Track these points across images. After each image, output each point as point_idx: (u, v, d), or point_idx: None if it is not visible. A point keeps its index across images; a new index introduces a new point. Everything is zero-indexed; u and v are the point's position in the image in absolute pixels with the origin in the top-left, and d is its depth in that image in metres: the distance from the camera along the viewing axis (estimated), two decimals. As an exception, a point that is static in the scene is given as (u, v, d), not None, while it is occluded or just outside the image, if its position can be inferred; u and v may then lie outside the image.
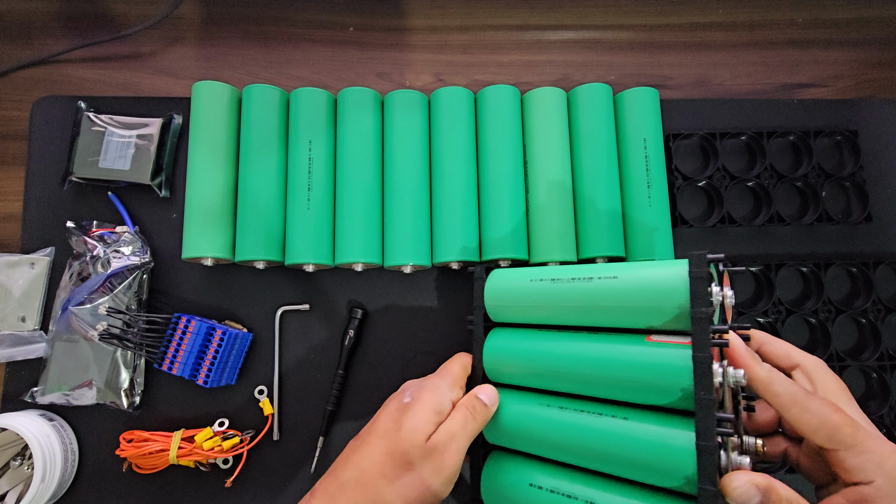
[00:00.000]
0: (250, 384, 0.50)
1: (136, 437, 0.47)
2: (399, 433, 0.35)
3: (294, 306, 0.52)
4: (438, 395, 0.37)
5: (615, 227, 0.50)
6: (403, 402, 0.37)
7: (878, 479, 0.28)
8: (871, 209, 0.54)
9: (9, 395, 0.49)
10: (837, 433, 0.29)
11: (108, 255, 0.49)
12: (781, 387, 0.31)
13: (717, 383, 0.31)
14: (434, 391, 0.38)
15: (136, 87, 0.57)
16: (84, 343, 0.48)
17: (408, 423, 0.35)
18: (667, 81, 0.60)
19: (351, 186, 0.49)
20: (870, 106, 0.58)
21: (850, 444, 0.29)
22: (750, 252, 0.54)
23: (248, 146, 0.50)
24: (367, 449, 0.35)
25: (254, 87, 0.51)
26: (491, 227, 0.50)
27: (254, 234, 0.48)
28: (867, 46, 0.61)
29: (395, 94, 0.52)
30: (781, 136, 0.56)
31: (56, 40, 0.58)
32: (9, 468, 0.47)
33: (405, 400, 0.37)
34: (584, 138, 0.52)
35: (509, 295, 0.43)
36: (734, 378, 0.31)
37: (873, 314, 0.52)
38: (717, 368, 0.31)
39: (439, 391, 0.38)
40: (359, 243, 0.49)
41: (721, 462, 0.30)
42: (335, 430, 0.50)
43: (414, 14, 0.60)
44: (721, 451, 0.31)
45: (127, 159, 0.51)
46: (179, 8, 0.58)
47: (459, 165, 0.50)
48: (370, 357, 0.51)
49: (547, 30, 0.61)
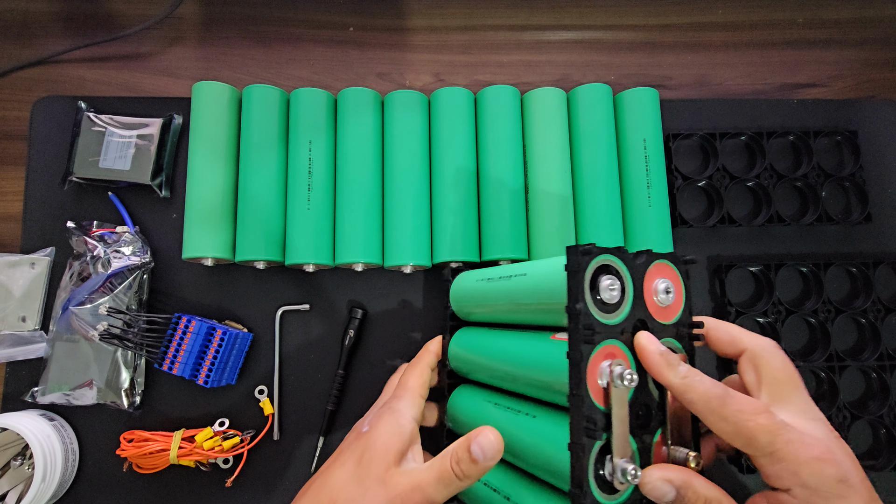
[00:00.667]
0: (250, 384, 0.50)
1: (136, 437, 0.47)
2: (358, 467, 0.33)
3: (294, 306, 0.52)
4: (396, 419, 0.35)
5: (615, 227, 0.50)
6: (362, 431, 0.35)
7: (794, 488, 0.27)
8: (870, 209, 0.54)
9: (9, 395, 0.49)
10: (754, 441, 0.28)
11: (109, 255, 0.49)
12: (695, 394, 0.29)
13: (603, 384, 0.30)
14: (391, 416, 0.35)
15: (136, 87, 0.57)
16: (84, 343, 0.48)
17: (365, 455, 0.33)
18: (667, 81, 0.60)
19: (351, 186, 0.50)
20: (870, 106, 0.58)
21: (766, 452, 0.28)
22: (750, 252, 0.54)
23: (248, 146, 0.50)
24: (329, 478, 0.33)
25: (254, 88, 0.51)
26: (491, 227, 0.50)
27: (254, 234, 0.48)
28: (867, 46, 0.61)
29: (395, 95, 0.52)
30: (781, 136, 0.56)
31: (56, 40, 0.58)
32: (9, 468, 0.47)
33: (363, 429, 0.35)
34: (584, 138, 0.52)
35: (462, 294, 0.45)
36: (624, 378, 0.30)
37: (873, 314, 0.52)
38: (604, 367, 0.30)
39: (396, 415, 0.35)
40: (359, 243, 0.49)
41: (605, 466, 0.29)
42: (335, 430, 0.50)
43: (414, 14, 0.60)
44: (607, 456, 0.29)
45: (127, 159, 0.51)
46: (179, 8, 0.58)
47: (459, 165, 0.50)
48: (370, 357, 0.52)
49: (547, 30, 0.61)
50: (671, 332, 0.33)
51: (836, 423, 0.50)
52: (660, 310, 0.33)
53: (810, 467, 0.27)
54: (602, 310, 0.31)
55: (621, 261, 0.32)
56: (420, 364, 0.41)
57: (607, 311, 0.31)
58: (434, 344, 0.44)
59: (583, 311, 0.30)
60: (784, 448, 0.27)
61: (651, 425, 0.32)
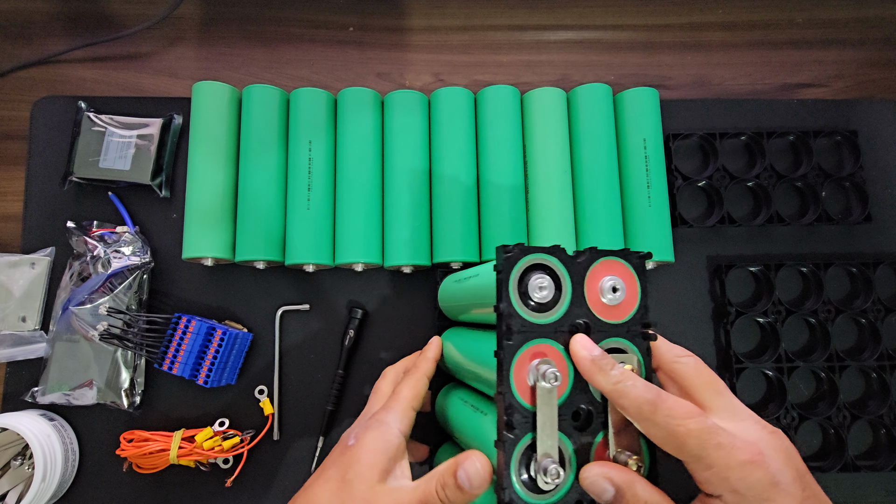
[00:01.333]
0: (250, 384, 0.50)
1: (136, 437, 0.47)
2: (341, 486, 0.31)
3: (294, 306, 0.52)
4: (382, 433, 0.33)
5: (615, 226, 0.50)
6: (348, 444, 0.34)
7: (725, 494, 0.27)
8: (870, 209, 0.54)
9: (9, 395, 0.49)
10: (684, 447, 0.27)
11: (109, 255, 0.49)
12: (627, 399, 0.29)
13: (531, 383, 0.30)
14: (378, 429, 0.34)
15: (136, 87, 0.57)
16: (84, 343, 0.48)
17: (349, 472, 0.32)
18: (666, 81, 0.60)
19: (351, 186, 0.50)
20: (870, 106, 0.58)
21: (696, 458, 0.27)
22: (750, 252, 0.54)
23: (248, 146, 0.50)
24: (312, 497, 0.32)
25: (254, 88, 0.51)
26: (490, 226, 0.50)
27: (254, 234, 0.48)
28: (867, 46, 0.61)
29: (395, 94, 0.52)
30: (781, 136, 0.55)
31: (56, 40, 0.58)
32: (9, 468, 0.47)
33: (349, 443, 0.34)
34: (583, 138, 0.52)
35: (443, 295, 0.47)
36: (547, 378, 0.30)
37: (873, 314, 0.52)
38: (532, 366, 0.30)
39: (383, 428, 0.34)
40: (359, 243, 0.49)
41: (532, 465, 0.29)
42: (335, 430, 0.50)
43: (414, 14, 0.60)
44: (534, 455, 0.29)
45: (127, 159, 0.51)
46: (179, 8, 0.58)
47: (459, 165, 0.50)
48: (370, 357, 0.52)
49: (547, 30, 0.61)
50: (621, 332, 0.32)
51: (837, 422, 0.50)
52: (608, 308, 0.32)
53: (739, 472, 0.26)
54: (534, 309, 0.31)
55: (558, 260, 0.32)
56: (417, 374, 0.39)
57: (540, 311, 0.31)
58: (432, 350, 0.42)
59: (505, 312, 0.31)
60: (714, 454, 0.27)
61: (592, 427, 0.31)
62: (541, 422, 0.29)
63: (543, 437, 0.29)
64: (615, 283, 0.32)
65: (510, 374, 0.30)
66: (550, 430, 0.30)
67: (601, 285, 0.32)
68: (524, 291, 0.31)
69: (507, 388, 0.30)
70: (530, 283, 0.31)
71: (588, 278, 0.32)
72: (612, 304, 0.32)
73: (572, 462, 0.30)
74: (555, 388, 0.30)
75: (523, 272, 0.32)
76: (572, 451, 0.30)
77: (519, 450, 0.29)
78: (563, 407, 0.31)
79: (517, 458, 0.29)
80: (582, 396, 0.31)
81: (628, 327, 0.32)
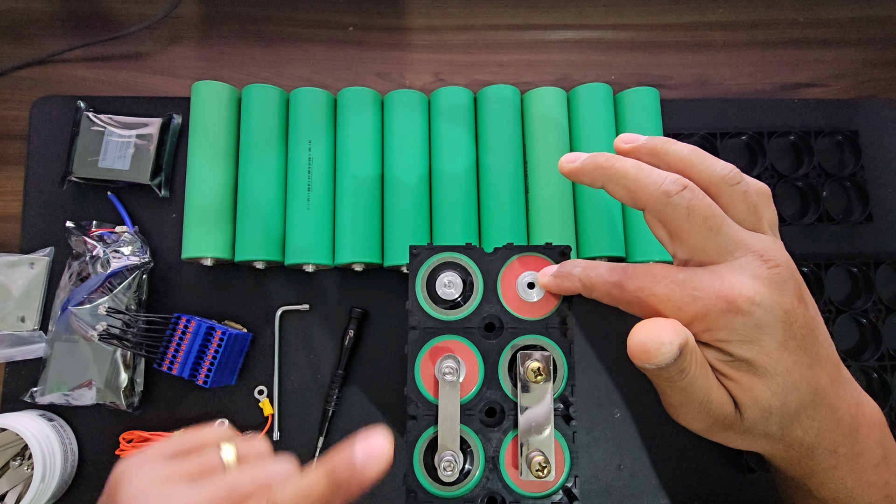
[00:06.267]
0: (250, 384, 0.50)
1: (135, 437, 0.47)
2: None
3: (294, 306, 0.52)
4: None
5: (615, 227, 0.50)
6: None
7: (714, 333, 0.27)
8: (871, 209, 0.54)
9: (8, 395, 0.49)
10: (661, 315, 0.28)
11: (108, 255, 0.49)
12: (598, 291, 0.30)
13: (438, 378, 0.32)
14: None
15: (135, 86, 0.57)
16: (84, 343, 0.48)
17: None
18: (667, 81, 0.59)
19: (351, 186, 0.49)
20: (871, 106, 0.58)
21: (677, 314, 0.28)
22: (750, 252, 0.54)
23: (247, 146, 0.50)
24: None
25: (253, 87, 0.50)
26: (491, 226, 0.50)
27: (253, 234, 0.48)
28: (868, 46, 0.61)
29: (395, 94, 0.52)
30: (782, 136, 0.55)
31: (55, 40, 0.58)
32: (8, 468, 0.47)
33: None
34: (584, 138, 0.51)
35: None
36: (444, 373, 0.31)
37: (874, 314, 0.52)
38: (438, 363, 0.32)
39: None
40: (359, 243, 0.49)
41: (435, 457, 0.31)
42: (335, 430, 0.50)
43: (414, 14, 0.60)
44: None
45: (126, 159, 0.51)
46: (179, 7, 0.57)
47: (459, 165, 0.50)
48: (370, 357, 0.51)
49: (547, 29, 0.61)
50: (539, 328, 0.32)
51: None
52: (526, 305, 0.33)
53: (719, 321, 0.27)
54: (444, 306, 0.33)
55: (469, 258, 0.33)
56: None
57: (450, 308, 0.33)
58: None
59: (410, 309, 0.33)
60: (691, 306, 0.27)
61: (503, 425, 0.32)
62: (442, 415, 0.31)
63: (444, 430, 0.31)
64: (531, 280, 0.33)
65: (416, 369, 0.33)
66: (451, 423, 0.31)
67: (519, 281, 0.33)
68: (433, 290, 0.33)
69: (412, 382, 0.32)
70: (437, 281, 0.33)
71: (504, 275, 0.33)
72: (531, 300, 0.33)
73: (480, 457, 0.31)
74: (456, 383, 0.31)
75: (437, 271, 0.33)
76: (480, 446, 0.31)
77: (423, 441, 0.31)
78: (474, 403, 0.32)
79: (421, 449, 0.31)
80: (494, 393, 0.32)
81: (547, 324, 0.33)
